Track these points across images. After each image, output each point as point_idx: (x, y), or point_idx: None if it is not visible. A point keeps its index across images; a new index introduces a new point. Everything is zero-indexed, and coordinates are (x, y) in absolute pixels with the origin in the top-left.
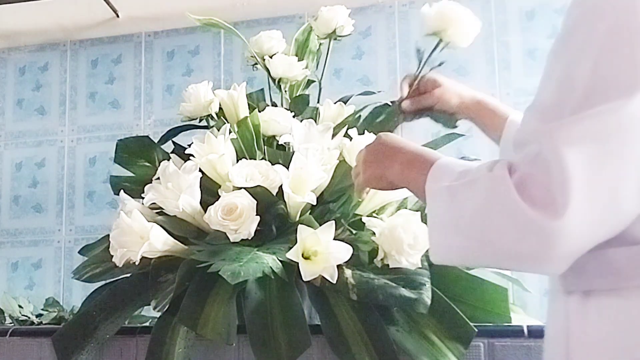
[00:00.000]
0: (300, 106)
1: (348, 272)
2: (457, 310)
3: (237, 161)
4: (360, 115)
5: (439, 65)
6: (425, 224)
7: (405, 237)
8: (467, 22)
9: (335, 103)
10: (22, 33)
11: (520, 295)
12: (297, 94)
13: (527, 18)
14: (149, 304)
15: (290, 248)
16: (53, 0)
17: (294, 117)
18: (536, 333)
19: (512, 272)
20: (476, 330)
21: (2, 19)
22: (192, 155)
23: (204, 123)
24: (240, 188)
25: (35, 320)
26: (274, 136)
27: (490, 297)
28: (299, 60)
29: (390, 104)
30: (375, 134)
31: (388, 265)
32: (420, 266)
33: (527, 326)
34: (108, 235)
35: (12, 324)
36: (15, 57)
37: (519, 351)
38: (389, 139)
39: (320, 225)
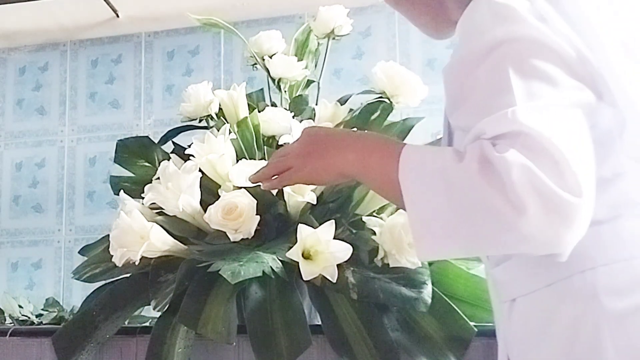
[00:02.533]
0: (299, 106)
1: (348, 272)
2: (457, 310)
3: (237, 161)
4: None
5: None
6: None
7: (405, 236)
8: (415, 88)
9: (334, 103)
10: (22, 33)
11: None
12: (297, 94)
13: None
14: (149, 304)
15: (291, 247)
16: (53, 0)
17: (293, 117)
18: None
19: None
20: (476, 330)
21: (2, 19)
22: (192, 155)
23: (204, 123)
24: (241, 188)
25: (35, 320)
26: (273, 136)
27: (490, 296)
28: (298, 61)
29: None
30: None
31: (388, 264)
32: (420, 265)
33: None
34: (108, 235)
35: (12, 324)
36: (15, 57)
37: None
38: (321, 130)
39: (321, 224)
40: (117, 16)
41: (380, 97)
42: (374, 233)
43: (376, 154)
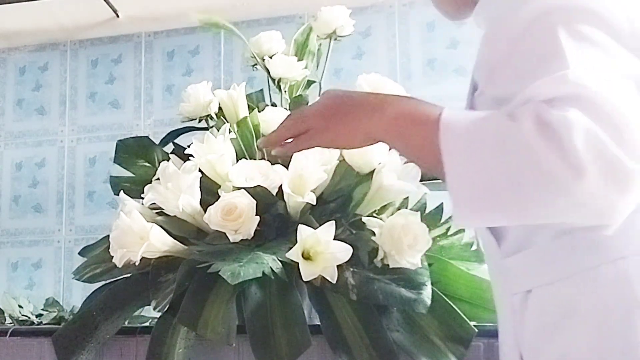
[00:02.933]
0: (299, 106)
1: (348, 272)
2: (458, 310)
3: (237, 161)
4: None
5: None
6: (425, 224)
7: (405, 237)
8: None
9: None
10: (22, 33)
11: None
12: (297, 94)
13: None
14: (149, 304)
15: (291, 248)
16: (53, 0)
17: None
18: None
19: None
20: (476, 330)
21: (2, 19)
22: (192, 156)
23: (203, 123)
24: (240, 188)
25: (35, 320)
26: None
27: (491, 296)
28: (298, 61)
29: None
30: None
31: (388, 265)
32: (420, 266)
33: None
34: (108, 235)
35: (12, 324)
36: (15, 57)
37: None
38: (345, 90)
39: (321, 225)
40: (117, 16)
41: None
42: (374, 234)
43: (412, 115)
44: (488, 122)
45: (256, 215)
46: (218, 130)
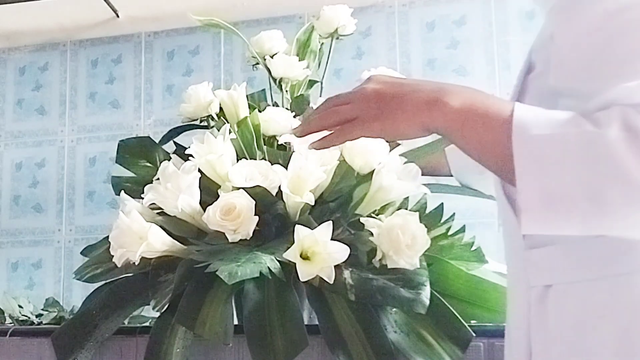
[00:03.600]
0: (300, 106)
1: (346, 273)
2: (456, 313)
3: (238, 161)
4: None
5: None
6: (425, 224)
7: (403, 237)
8: None
9: None
10: (22, 33)
11: None
12: (298, 94)
13: (527, 18)
14: (149, 304)
15: (289, 248)
16: (53, 0)
17: (294, 117)
18: None
19: None
20: (474, 334)
21: (2, 19)
22: (192, 156)
23: (204, 124)
24: (240, 188)
25: (35, 320)
26: (274, 136)
27: (490, 296)
28: (300, 60)
29: None
30: None
31: (386, 265)
32: (419, 266)
33: None
34: (109, 235)
35: (12, 324)
36: (15, 57)
37: None
38: (397, 78)
39: (320, 225)
40: (117, 16)
41: None
42: (372, 234)
43: (480, 109)
44: (568, 127)
45: (255, 215)
46: (219, 131)
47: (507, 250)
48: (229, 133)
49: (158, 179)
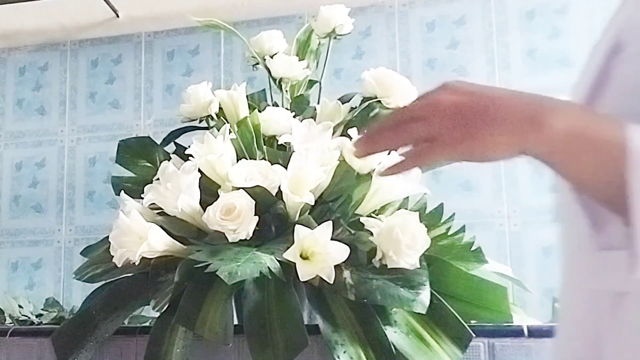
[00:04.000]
0: (300, 106)
1: (346, 272)
2: (456, 313)
3: (238, 161)
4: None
5: None
6: (425, 224)
7: (402, 237)
8: (404, 90)
9: (335, 101)
10: (22, 33)
11: (520, 295)
12: (298, 94)
13: (527, 18)
14: (149, 304)
15: (289, 248)
16: (53, 0)
17: (294, 117)
18: (536, 333)
19: (512, 272)
20: (474, 334)
21: (2, 19)
22: (192, 156)
23: (204, 124)
24: (240, 188)
25: (35, 320)
26: (274, 136)
27: (490, 296)
28: (300, 60)
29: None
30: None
31: (386, 265)
32: (419, 266)
33: (528, 326)
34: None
35: (12, 324)
36: (15, 57)
37: (519, 351)
38: (479, 87)
39: (320, 224)
40: (117, 16)
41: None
42: (372, 234)
43: (587, 134)
44: None
45: (255, 215)
46: (219, 131)
47: (567, 248)
48: (229, 133)
49: (158, 179)
